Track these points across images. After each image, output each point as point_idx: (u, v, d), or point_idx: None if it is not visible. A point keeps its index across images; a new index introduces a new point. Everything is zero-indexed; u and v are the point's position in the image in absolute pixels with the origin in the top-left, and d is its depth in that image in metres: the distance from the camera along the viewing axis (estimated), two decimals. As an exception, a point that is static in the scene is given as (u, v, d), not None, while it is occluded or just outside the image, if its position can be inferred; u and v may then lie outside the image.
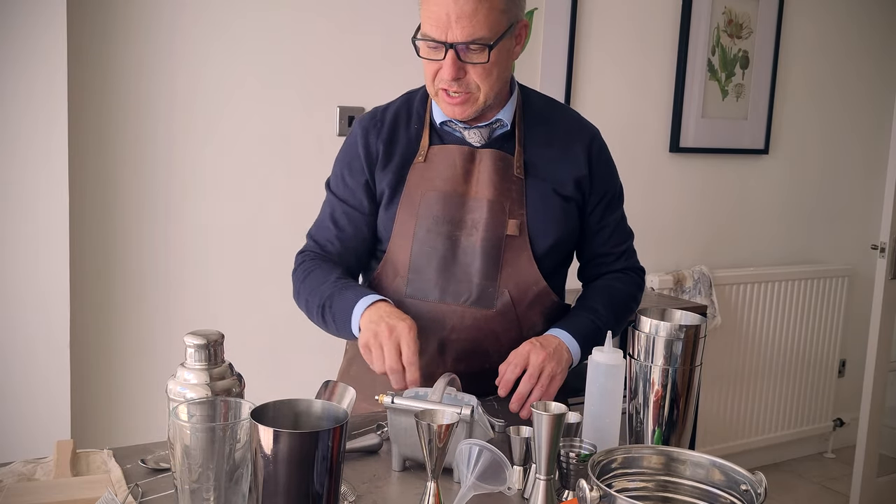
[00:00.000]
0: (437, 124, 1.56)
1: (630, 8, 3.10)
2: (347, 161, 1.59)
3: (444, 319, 1.50)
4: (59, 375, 2.13)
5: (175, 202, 2.36)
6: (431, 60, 1.44)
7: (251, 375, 1.22)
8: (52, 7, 2.01)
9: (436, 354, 1.50)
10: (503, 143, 1.55)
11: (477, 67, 1.43)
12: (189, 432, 0.94)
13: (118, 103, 2.26)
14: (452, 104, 1.47)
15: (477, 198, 1.51)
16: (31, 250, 2.06)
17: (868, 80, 3.84)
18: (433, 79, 1.47)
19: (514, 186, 1.53)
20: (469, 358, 1.50)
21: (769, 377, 3.58)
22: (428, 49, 1.44)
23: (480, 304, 1.50)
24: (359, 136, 1.58)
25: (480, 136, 1.54)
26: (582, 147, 1.59)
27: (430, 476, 1.04)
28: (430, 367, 1.49)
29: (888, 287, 3.08)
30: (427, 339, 1.49)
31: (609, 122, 3.08)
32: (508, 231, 1.51)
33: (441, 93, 1.48)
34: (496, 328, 1.51)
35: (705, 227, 3.46)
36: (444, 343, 1.50)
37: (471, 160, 1.53)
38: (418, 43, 1.44)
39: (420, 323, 1.43)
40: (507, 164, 1.53)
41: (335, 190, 1.60)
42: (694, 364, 1.22)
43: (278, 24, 2.44)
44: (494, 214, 1.51)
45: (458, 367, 1.49)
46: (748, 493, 0.96)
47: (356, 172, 1.57)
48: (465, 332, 1.49)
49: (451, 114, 1.50)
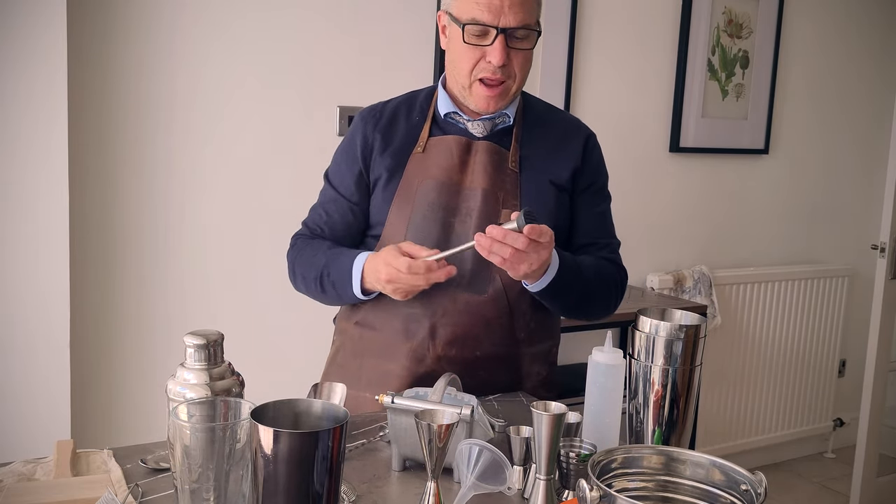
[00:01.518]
0: (441, 115, 1.59)
1: (630, 8, 3.10)
2: (345, 151, 1.64)
3: (436, 303, 1.51)
4: (59, 375, 2.13)
5: (175, 202, 2.36)
6: (476, 47, 1.48)
7: (251, 375, 1.22)
8: (52, 7, 2.01)
9: (427, 338, 1.51)
10: (501, 137, 1.58)
11: (519, 55, 1.49)
12: (189, 432, 0.94)
13: (118, 103, 2.26)
14: (490, 95, 1.51)
15: (472, 187, 1.54)
16: (31, 250, 2.06)
17: (868, 80, 3.84)
18: (471, 69, 1.50)
19: (509, 178, 1.56)
20: (460, 343, 1.51)
21: (769, 377, 3.58)
22: (474, 36, 1.47)
23: (472, 289, 1.51)
24: (357, 126, 1.62)
25: (483, 127, 1.57)
26: (578, 142, 1.63)
27: (430, 476, 1.04)
28: (421, 351, 1.51)
29: (888, 287, 3.08)
30: (419, 322, 1.51)
31: (609, 122, 3.09)
32: (502, 220, 1.52)
33: (477, 84, 1.51)
34: (487, 314, 1.52)
35: (705, 227, 3.46)
36: (435, 327, 1.51)
37: (467, 151, 1.56)
38: (466, 29, 1.47)
39: (412, 307, 1.51)
40: (503, 157, 1.56)
41: (330, 178, 1.67)
42: (694, 364, 1.22)
43: (278, 23, 2.44)
44: (488, 203, 1.53)
45: (448, 351, 1.51)
46: (748, 493, 0.96)
47: (350, 162, 1.61)
48: (456, 317, 1.50)
49: (485, 106, 1.53)
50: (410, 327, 1.51)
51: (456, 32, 1.50)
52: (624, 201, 1.87)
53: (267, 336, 2.52)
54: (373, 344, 1.56)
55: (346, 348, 1.63)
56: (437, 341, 1.51)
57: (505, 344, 1.55)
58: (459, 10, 1.48)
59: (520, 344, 1.57)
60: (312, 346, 2.58)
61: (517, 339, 1.56)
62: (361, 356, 1.58)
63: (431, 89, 1.65)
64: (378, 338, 1.55)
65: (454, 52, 1.52)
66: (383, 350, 1.55)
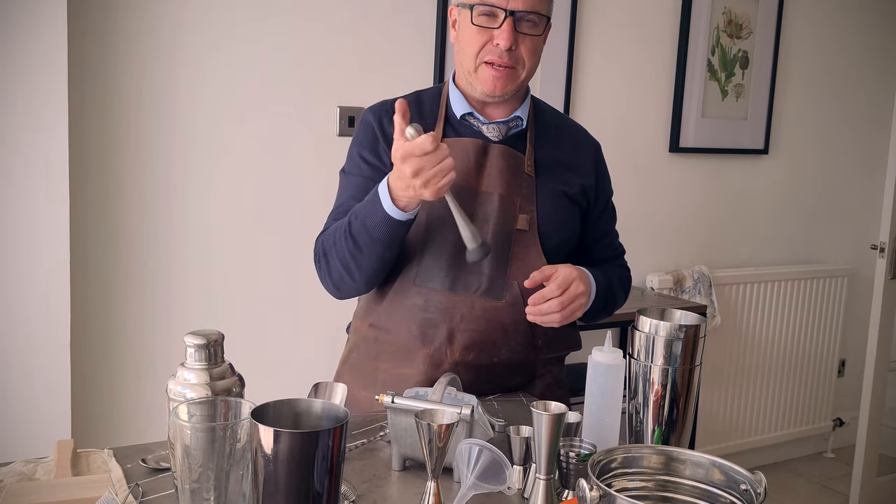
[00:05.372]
0: (457, 117, 1.57)
1: (630, 8, 3.10)
2: (367, 144, 1.58)
3: (453, 309, 1.50)
4: (59, 375, 2.13)
5: (175, 202, 2.36)
6: (485, 28, 1.47)
7: (251, 375, 1.22)
8: (53, 8, 2.01)
9: (445, 344, 1.50)
10: (516, 142, 1.58)
11: (527, 41, 1.48)
12: (189, 432, 0.94)
13: (118, 104, 2.26)
14: (498, 76, 1.49)
15: (488, 192, 1.53)
16: (31, 250, 2.07)
17: (868, 80, 3.84)
18: (478, 51, 1.49)
19: (525, 183, 1.55)
20: (478, 349, 1.51)
21: (769, 377, 3.58)
22: (483, 17, 1.47)
23: (490, 294, 1.51)
24: (373, 121, 1.58)
25: (498, 131, 1.57)
26: (589, 157, 1.65)
27: (430, 476, 1.04)
28: (438, 356, 1.50)
29: (888, 287, 3.08)
30: (436, 327, 1.50)
31: (609, 122, 3.10)
32: (518, 225, 1.53)
33: (484, 66, 1.50)
34: (505, 319, 1.51)
35: (705, 227, 3.46)
36: (453, 332, 1.50)
37: (483, 154, 1.54)
38: (474, 9, 1.47)
39: (430, 312, 1.50)
40: (518, 161, 1.56)
41: (355, 171, 1.58)
42: (694, 364, 1.22)
43: (279, 24, 2.44)
44: (505, 209, 1.52)
45: (466, 357, 1.50)
46: (748, 492, 0.96)
47: (379, 152, 1.56)
48: (474, 323, 1.50)
49: (491, 88, 1.51)
50: (428, 332, 1.50)
51: (465, 17, 1.50)
52: (624, 201, 1.87)
53: (267, 336, 2.52)
54: (389, 347, 1.55)
55: (361, 349, 1.60)
56: (454, 347, 1.50)
57: (523, 350, 1.55)
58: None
59: (538, 350, 1.57)
60: (313, 345, 2.58)
61: (535, 345, 1.56)
62: (377, 359, 1.56)
63: (437, 90, 1.63)
64: (394, 341, 1.54)
65: (462, 38, 1.51)
66: (400, 354, 1.53)
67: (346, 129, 2.55)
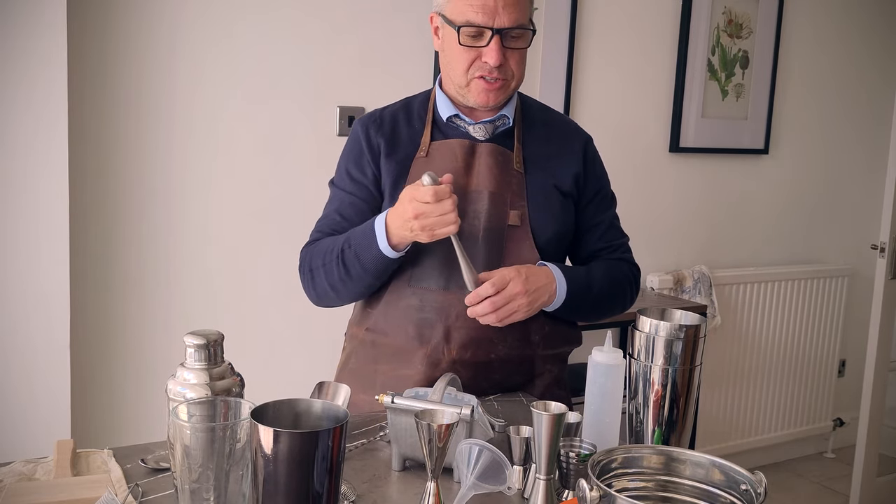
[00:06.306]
0: (443, 119, 1.59)
1: (630, 8, 3.10)
2: (353, 157, 1.61)
3: (449, 307, 1.51)
4: (59, 375, 2.13)
5: (175, 202, 2.36)
6: (472, 48, 1.48)
7: (251, 375, 1.22)
8: (52, 8, 2.01)
9: (442, 342, 1.50)
10: (503, 139, 1.59)
11: (515, 53, 1.51)
12: (189, 432, 0.94)
13: (118, 103, 2.26)
14: (490, 89, 1.51)
15: (478, 189, 1.54)
16: (31, 250, 2.06)
17: (868, 79, 3.84)
18: (468, 68, 1.50)
19: (514, 179, 1.56)
20: (474, 346, 1.51)
21: (769, 377, 3.58)
22: (469, 37, 1.48)
23: None
24: (360, 132, 1.61)
25: (485, 131, 1.58)
26: (578, 147, 1.65)
27: (430, 476, 1.04)
28: (436, 355, 1.51)
29: (888, 287, 3.08)
30: (433, 326, 1.51)
31: (609, 123, 3.10)
32: (510, 221, 1.53)
33: (475, 81, 1.51)
34: None
35: (705, 227, 3.46)
36: (450, 331, 1.51)
37: (471, 153, 1.56)
38: (461, 31, 1.48)
39: (425, 311, 1.50)
40: (507, 158, 1.57)
41: (341, 185, 1.62)
42: (694, 364, 1.22)
43: (278, 23, 2.44)
44: (496, 205, 1.53)
45: (463, 355, 1.51)
46: (748, 492, 0.96)
47: (364, 166, 1.59)
48: (470, 321, 1.50)
49: (485, 100, 1.53)
50: (424, 332, 1.51)
51: (450, 34, 1.50)
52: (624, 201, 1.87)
53: (267, 336, 2.52)
54: (387, 349, 1.56)
55: (359, 354, 1.61)
56: (451, 345, 1.51)
57: (519, 346, 1.55)
58: (453, 12, 1.48)
59: (535, 346, 1.57)
60: (312, 346, 2.58)
61: (531, 341, 1.56)
62: (375, 362, 1.57)
63: (425, 94, 1.65)
64: (391, 343, 1.55)
65: (449, 55, 1.53)
66: (398, 355, 1.54)
67: (346, 128, 2.55)
